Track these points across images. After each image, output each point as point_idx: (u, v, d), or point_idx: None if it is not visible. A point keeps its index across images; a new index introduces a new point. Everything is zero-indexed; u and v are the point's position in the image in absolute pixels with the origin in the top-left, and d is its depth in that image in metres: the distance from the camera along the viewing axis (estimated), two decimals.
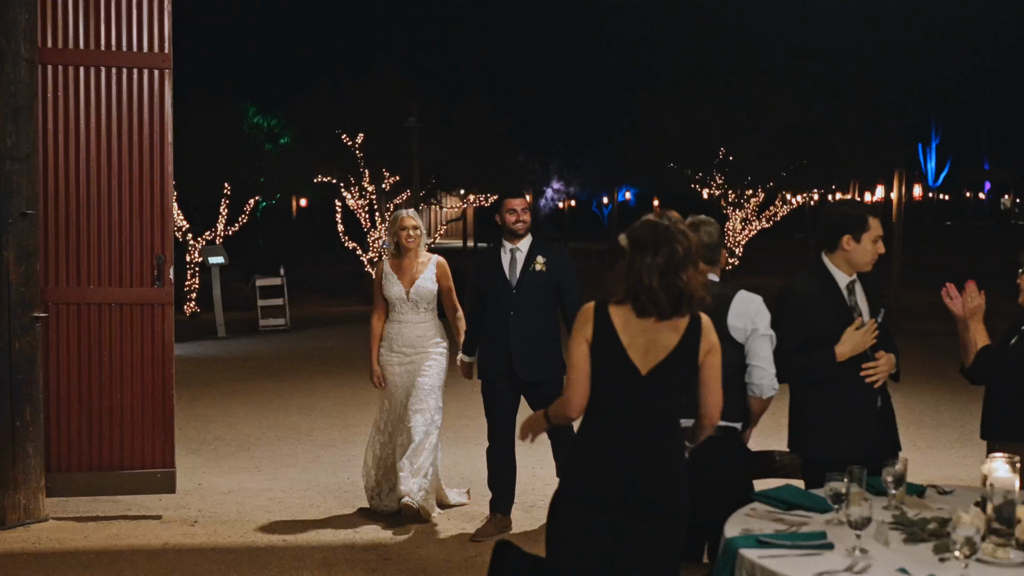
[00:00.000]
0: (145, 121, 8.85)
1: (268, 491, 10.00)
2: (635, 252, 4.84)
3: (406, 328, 9.21)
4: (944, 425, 13.20)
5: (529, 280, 8.60)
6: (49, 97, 8.75)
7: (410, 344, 9.20)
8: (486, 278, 8.73)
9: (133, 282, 8.84)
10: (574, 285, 8.74)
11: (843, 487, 4.78)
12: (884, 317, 6.09)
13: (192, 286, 27.50)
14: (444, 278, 9.31)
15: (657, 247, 4.81)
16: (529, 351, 8.58)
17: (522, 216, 8.68)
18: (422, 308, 9.22)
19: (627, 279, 4.85)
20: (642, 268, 4.80)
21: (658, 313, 4.84)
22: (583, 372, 4.92)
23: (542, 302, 8.64)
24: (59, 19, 8.73)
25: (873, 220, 6.00)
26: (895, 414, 6.25)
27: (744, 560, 4.57)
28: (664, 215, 4.95)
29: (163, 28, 8.84)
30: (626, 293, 4.87)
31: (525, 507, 9.39)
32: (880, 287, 6.26)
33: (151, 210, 8.87)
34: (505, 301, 8.61)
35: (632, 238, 4.89)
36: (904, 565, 4.35)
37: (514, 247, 8.73)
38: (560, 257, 8.77)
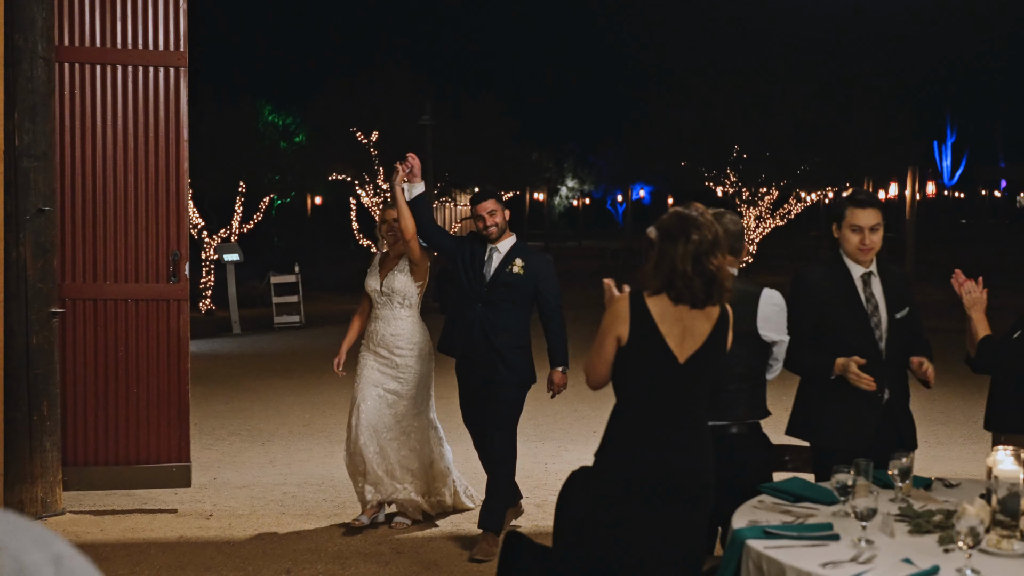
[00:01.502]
0: (161, 118, 8.93)
1: (282, 485, 10.09)
2: (665, 241, 4.97)
3: (380, 325, 8.80)
4: (954, 422, 13.23)
5: (504, 280, 8.30)
6: (66, 95, 8.84)
7: (384, 344, 8.76)
8: (465, 265, 8.45)
9: (149, 278, 8.92)
10: (554, 290, 8.40)
11: (849, 479, 4.84)
12: (911, 315, 6.13)
13: (207, 283, 27.61)
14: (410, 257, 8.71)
15: (687, 234, 4.94)
16: (489, 349, 8.27)
17: (492, 220, 8.37)
18: (396, 303, 8.77)
19: (660, 268, 4.97)
20: (675, 255, 4.93)
21: (692, 300, 4.98)
22: (606, 364, 5.10)
23: (514, 305, 8.32)
24: (76, 18, 8.82)
25: (852, 209, 6.04)
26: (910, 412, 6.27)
27: (751, 550, 4.63)
28: (689, 206, 5.08)
29: (179, 26, 8.92)
30: (661, 283, 4.99)
31: (537, 502, 9.45)
32: (908, 285, 6.26)
33: (167, 207, 8.95)
34: (476, 292, 8.35)
35: (661, 228, 5.03)
36: (909, 556, 4.41)
37: (493, 247, 8.46)
38: (540, 262, 8.44)
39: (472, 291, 8.38)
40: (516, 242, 8.50)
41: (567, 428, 13.04)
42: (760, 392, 6.14)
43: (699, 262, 4.96)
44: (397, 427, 8.68)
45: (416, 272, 8.76)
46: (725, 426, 5.99)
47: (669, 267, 4.98)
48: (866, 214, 6.00)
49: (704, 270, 4.96)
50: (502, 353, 8.27)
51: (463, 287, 8.46)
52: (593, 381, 5.19)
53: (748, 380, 6.08)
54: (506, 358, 8.28)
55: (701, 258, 4.96)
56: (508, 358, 8.29)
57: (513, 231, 8.51)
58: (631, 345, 5.03)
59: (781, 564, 4.42)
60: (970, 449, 11.77)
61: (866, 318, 6.01)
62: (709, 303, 5.04)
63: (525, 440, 12.14)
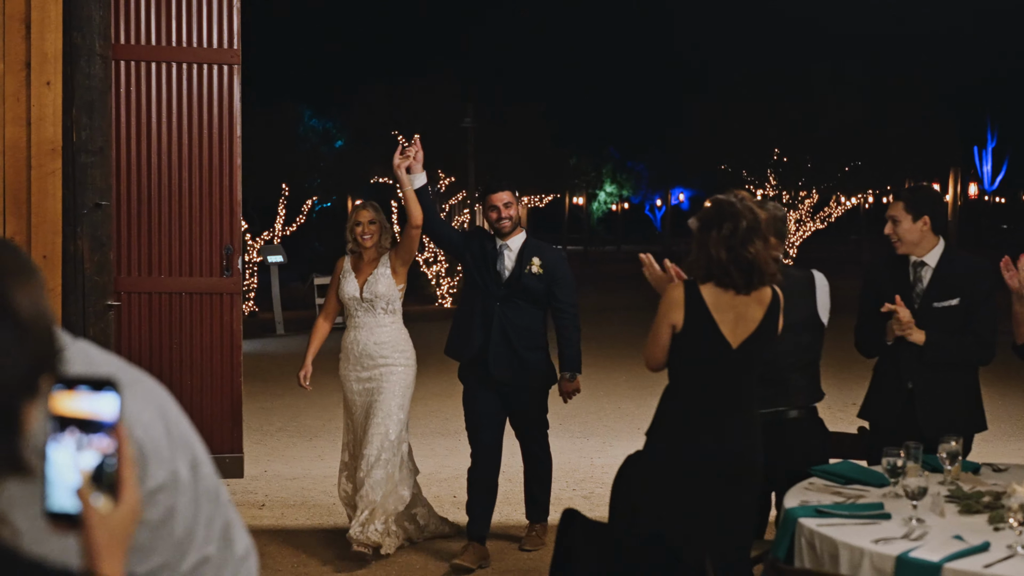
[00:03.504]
0: (215, 115, 9.08)
1: (331, 478, 10.20)
2: (702, 230, 5.08)
3: (362, 334, 8.10)
4: (1000, 419, 13.23)
5: (525, 282, 7.84)
6: (122, 92, 8.99)
7: (368, 354, 8.04)
8: (477, 261, 7.99)
9: (203, 272, 9.06)
10: (570, 289, 8.00)
11: (900, 460, 4.92)
12: (963, 307, 6.18)
13: (251, 285, 27.83)
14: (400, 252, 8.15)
15: (721, 221, 5.04)
16: (509, 351, 7.83)
17: (505, 212, 7.90)
18: (379, 309, 8.06)
19: (699, 257, 5.08)
20: (709, 243, 5.03)
21: (734, 286, 5.08)
22: (663, 350, 5.24)
23: (532, 305, 7.91)
24: (131, 16, 8.98)
25: (892, 202, 6.33)
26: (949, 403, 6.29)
27: (803, 528, 4.73)
28: (732, 193, 5.20)
29: (232, 24, 9.07)
30: (702, 271, 5.11)
31: (584, 494, 9.56)
32: (977, 277, 6.25)
33: (220, 202, 9.09)
34: (493, 290, 7.88)
35: (699, 217, 5.14)
36: (959, 533, 4.50)
37: (503, 244, 7.98)
38: (556, 259, 8.02)
39: (488, 290, 7.91)
40: (527, 239, 8.03)
41: (611, 425, 13.14)
42: (817, 376, 6.34)
43: (733, 249, 5.05)
44: (387, 448, 7.82)
45: (399, 274, 8.14)
46: (784, 411, 6.14)
47: (705, 254, 5.09)
48: (890, 205, 6.28)
49: (739, 257, 5.06)
50: (521, 356, 7.86)
51: (477, 286, 7.99)
52: (651, 365, 5.33)
53: (810, 367, 6.25)
54: (527, 360, 7.88)
55: (735, 245, 5.05)
56: (528, 359, 7.89)
57: (549, 233, 8.39)
58: (685, 331, 5.15)
59: (834, 540, 4.52)
60: (1015, 446, 11.79)
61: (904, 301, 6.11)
62: (752, 288, 5.14)
63: (571, 436, 12.29)
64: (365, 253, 8.21)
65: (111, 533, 1.75)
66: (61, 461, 1.74)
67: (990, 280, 6.23)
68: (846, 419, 11.46)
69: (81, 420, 1.75)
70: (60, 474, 1.74)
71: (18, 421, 1.62)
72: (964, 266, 6.25)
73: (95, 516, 1.74)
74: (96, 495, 1.76)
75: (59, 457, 1.74)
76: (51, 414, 1.72)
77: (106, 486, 1.77)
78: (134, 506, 1.80)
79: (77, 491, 1.74)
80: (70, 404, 1.75)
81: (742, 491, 5.23)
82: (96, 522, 1.74)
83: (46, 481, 1.74)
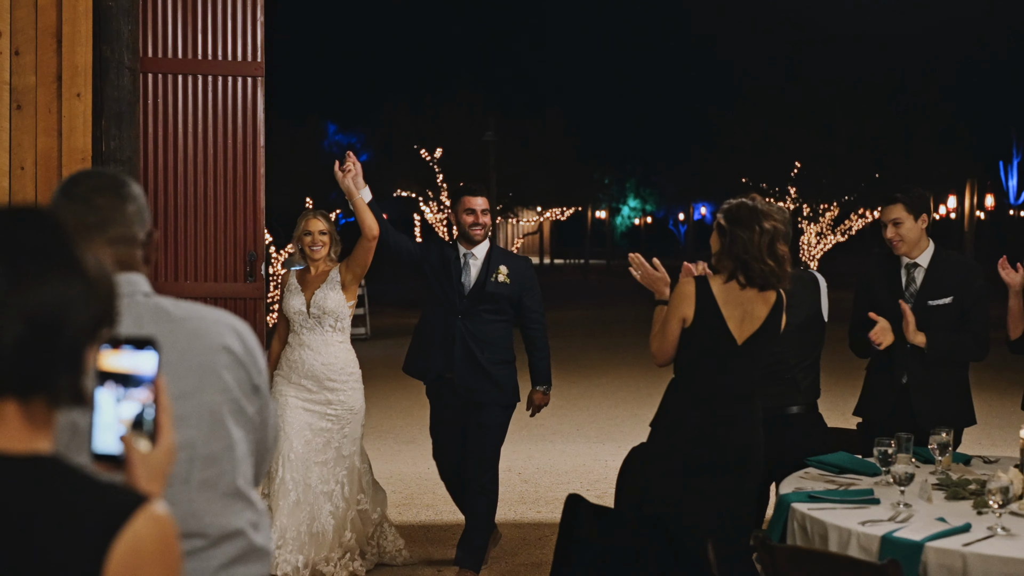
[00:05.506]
0: (239, 125, 9.35)
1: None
2: (737, 227, 5.36)
3: (307, 354, 7.39)
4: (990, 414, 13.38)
5: (490, 290, 7.43)
6: (149, 103, 9.28)
7: (313, 376, 7.34)
8: (437, 272, 7.56)
9: (227, 277, 9.32)
10: (538, 300, 7.63)
11: (890, 448, 5.16)
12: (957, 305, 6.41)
13: (274, 297, 28.10)
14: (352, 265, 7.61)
15: (759, 221, 5.33)
16: (474, 366, 7.39)
17: (481, 218, 7.51)
18: (327, 327, 7.42)
19: (732, 253, 5.35)
20: (748, 241, 5.30)
21: (763, 283, 5.35)
22: (672, 343, 5.50)
23: (498, 316, 7.50)
24: (159, 30, 9.26)
25: (883, 208, 6.58)
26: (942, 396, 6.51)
27: (795, 512, 4.97)
28: (749, 196, 5.50)
29: (256, 38, 9.35)
30: (733, 266, 5.37)
31: (597, 494, 9.79)
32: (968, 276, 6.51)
33: (244, 210, 9.36)
34: (455, 303, 7.44)
35: (732, 216, 5.42)
36: (943, 516, 4.73)
37: (467, 252, 7.55)
38: (524, 267, 7.65)
39: (450, 302, 7.45)
40: (492, 246, 7.62)
41: (628, 431, 13.35)
42: (818, 373, 6.58)
43: (772, 247, 5.35)
44: (331, 478, 7.28)
45: (349, 290, 7.59)
46: (786, 407, 6.36)
47: (742, 250, 5.35)
48: (888, 210, 6.51)
49: (776, 255, 5.36)
50: (487, 370, 7.40)
51: (437, 299, 7.56)
52: (660, 359, 5.58)
53: (814, 364, 6.49)
54: (492, 375, 7.41)
55: (774, 244, 5.35)
56: (494, 375, 7.42)
57: (571, 247, 8.28)
58: (695, 326, 5.42)
59: (824, 523, 4.76)
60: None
61: (896, 305, 6.34)
62: (768, 287, 5.41)
63: (587, 441, 12.56)
64: (313, 266, 7.76)
65: (151, 471, 2.07)
66: (106, 410, 2.04)
67: (982, 279, 6.48)
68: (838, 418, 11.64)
69: (124, 375, 2.05)
70: (105, 422, 2.04)
71: (83, 362, 1.90)
72: (956, 266, 6.50)
73: (137, 457, 2.05)
74: (137, 439, 2.07)
75: (104, 407, 2.04)
76: (98, 370, 2.02)
77: (146, 431, 2.08)
78: (170, 447, 2.12)
79: (120, 436, 2.05)
80: (115, 361, 2.05)
81: (742, 480, 5.48)
82: (137, 461, 2.05)
83: (93, 427, 2.05)
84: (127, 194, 2.92)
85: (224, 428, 2.86)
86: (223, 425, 2.86)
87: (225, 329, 2.93)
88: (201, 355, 2.84)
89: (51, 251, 1.87)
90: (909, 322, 6.21)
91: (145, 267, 2.96)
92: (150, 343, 2.08)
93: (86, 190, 2.88)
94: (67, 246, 1.90)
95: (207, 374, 2.84)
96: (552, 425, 13.61)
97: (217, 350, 2.88)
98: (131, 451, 2.05)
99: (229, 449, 2.87)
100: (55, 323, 1.84)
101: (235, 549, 2.83)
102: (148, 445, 2.08)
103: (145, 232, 2.94)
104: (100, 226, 2.85)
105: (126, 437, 2.06)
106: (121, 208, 2.88)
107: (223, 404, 2.87)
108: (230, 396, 2.89)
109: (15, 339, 1.81)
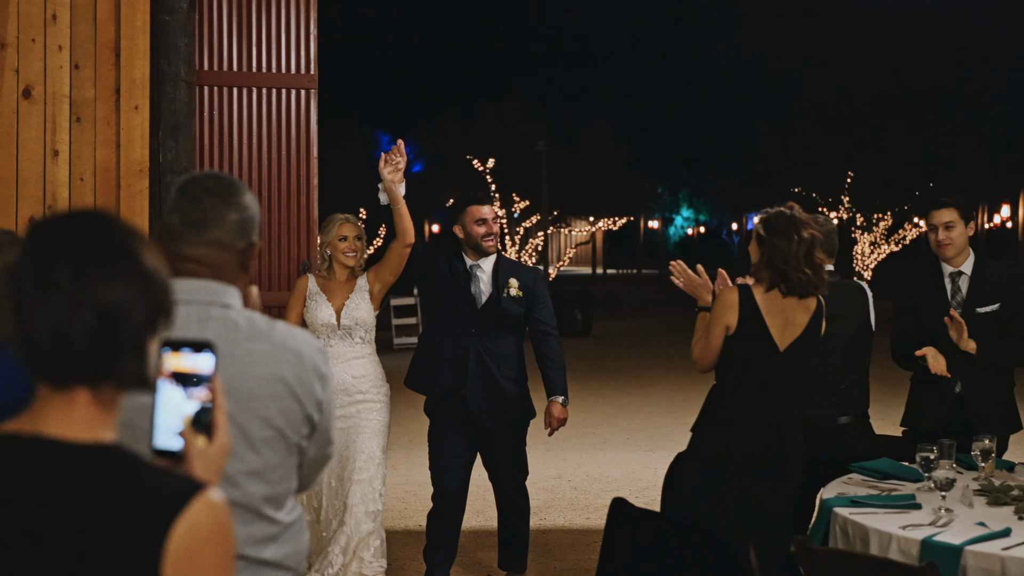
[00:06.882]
0: (292, 137, 9.51)
1: (404, 485, 10.62)
2: (777, 237, 5.45)
3: (337, 367, 6.93)
4: None
5: (504, 305, 7.14)
6: (205, 115, 9.45)
7: (343, 388, 6.92)
8: (448, 283, 7.24)
9: (281, 286, 9.48)
10: (550, 313, 7.32)
11: (932, 454, 5.22)
12: (1004, 311, 6.46)
13: None
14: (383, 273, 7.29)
15: (797, 230, 5.42)
16: (489, 382, 7.09)
17: (493, 227, 7.22)
18: (357, 339, 7.08)
19: (772, 262, 5.45)
20: (787, 250, 5.40)
21: (802, 291, 5.44)
22: (715, 351, 5.62)
23: (509, 330, 7.21)
24: (214, 44, 9.44)
25: (930, 211, 6.61)
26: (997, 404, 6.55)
27: (837, 516, 5.04)
28: (787, 206, 5.59)
29: (309, 51, 9.51)
30: (772, 276, 5.46)
31: (645, 502, 9.86)
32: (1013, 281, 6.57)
33: (297, 219, 9.51)
34: (468, 316, 7.13)
35: (770, 226, 5.51)
36: (983, 520, 4.78)
37: (474, 263, 7.25)
38: (534, 278, 7.34)
39: (461, 315, 7.13)
40: (498, 257, 7.33)
41: (679, 439, 13.34)
42: (868, 383, 6.59)
43: (810, 256, 5.44)
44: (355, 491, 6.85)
45: (377, 299, 7.22)
46: (837, 417, 6.39)
47: (782, 260, 5.44)
48: (940, 213, 6.51)
49: (813, 263, 5.45)
50: (503, 386, 7.11)
51: (447, 311, 7.22)
52: (702, 365, 5.69)
53: (864, 376, 6.53)
54: (506, 391, 7.12)
55: (811, 252, 5.44)
56: (509, 391, 7.13)
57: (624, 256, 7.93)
58: (738, 333, 5.52)
59: (865, 527, 4.82)
60: None
61: (944, 314, 6.37)
62: (808, 294, 5.49)
63: (637, 450, 12.64)
64: (339, 273, 7.40)
65: (207, 466, 2.23)
66: (166, 409, 2.21)
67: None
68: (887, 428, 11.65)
69: (184, 375, 2.22)
70: (165, 419, 2.21)
71: (145, 350, 2.07)
72: (999, 273, 6.55)
73: (195, 452, 2.22)
74: (195, 436, 2.23)
75: (165, 405, 2.21)
76: (160, 371, 2.18)
77: (203, 428, 2.24)
78: (226, 444, 2.28)
79: (180, 432, 2.21)
80: (175, 362, 2.22)
81: (782, 484, 5.56)
82: (195, 456, 2.22)
83: (154, 424, 2.21)
84: (235, 202, 2.99)
85: (252, 453, 2.89)
86: (253, 450, 2.90)
87: (287, 357, 2.96)
88: (248, 381, 2.88)
89: (113, 250, 2.04)
90: (962, 330, 6.24)
91: (242, 276, 3.04)
92: (208, 346, 2.24)
93: (198, 191, 2.99)
94: (128, 245, 2.07)
95: (251, 400, 2.88)
96: (603, 434, 13.72)
97: (268, 380, 2.92)
98: (190, 446, 2.21)
99: (250, 474, 2.90)
100: (119, 315, 2.01)
101: (241, 564, 2.83)
102: (205, 442, 2.24)
103: (246, 242, 3.01)
104: (200, 226, 2.95)
105: (185, 433, 2.21)
106: (224, 214, 2.96)
107: (257, 431, 2.90)
108: (270, 425, 2.92)
109: (86, 330, 1.98)
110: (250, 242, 3.02)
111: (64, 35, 8.37)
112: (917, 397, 6.67)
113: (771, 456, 5.53)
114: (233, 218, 2.98)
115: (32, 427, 2.03)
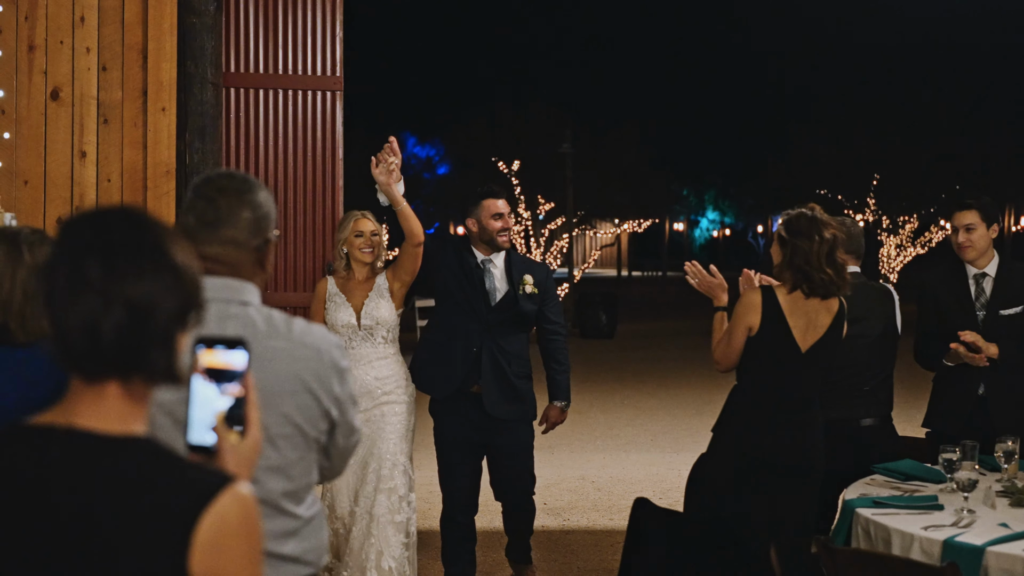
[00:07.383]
0: (319, 138, 9.56)
1: (428, 485, 10.64)
2: (798, 238, 5.47)
3: (360, 369, 6.78)
4: None
5: (521, 302, 7.00)
6: (231, 117, 9.50)
7: (366, 391, 6.72)
8: (459, 279, 7.03)
9: (307, 287, 9.51)
10: (559, 312, 7.25)
11: (955, 456, 5.23)
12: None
13: None
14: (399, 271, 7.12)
15: (819, 231, 5.44)
16: (502, 381, 6.93)
17: (509, 222, 7.08)
18: (379, 339, 6.86)
19: (794, 262, 5.46)
20: (809, 251, 5.42)
21: (824, 291, 5.46)
22: (736, 351, 5.64)
23: (519, 328, 7.08)
24: (241, 46, 9.49)
25: (953, 212, 6.63)
26: None
27: (859, 517, 5.05)
28: (808, 207, 5.61)
29: (335, 53, 9.55)
30: (794, 277, 5.48)
31: (669, 503, 9.86)
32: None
33: (323, 220, 9.55)
34: (482, 314, 6.95)
35: (792, 228, 5.54)
36: (1006, 522, 4.79)
37: (486, 258, 7.08)
38: (544, 275, 7.21)
39: (475, 312, 6.96)
40: (509, 252, 7.18)
41: (703, 441, 13.20)
42: (891, 385, 6.59)
43: (831, 256, 5.46)
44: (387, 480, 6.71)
45: (397, 298, 7.01)
46: (861, 419, 6.40)
47: (804, 260, 5.46)
48: (961, 215, 6.53)
49: (835, 263, 5.46)
50: (515, 384, 6.97)
51: (458, 307, 7.03)
52: (723, 365, 5.71)
53: (889, 378, 6.54)
54: (519, 390, 6.99)
55: (833, 253, 5.46)
56: (520, 390, 7.01)
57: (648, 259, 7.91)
58: (760, 334, 5.54)
59: (887, 527, 4.83)
60: None
61: (968, 316, 6.38)
62: (830, 295, 5.51)
63: (661, 452, 12.66)
64: (358, 272, 7.21)
65: (240, 460, 2.28)
66: (200, 404, 2.26)
67: None
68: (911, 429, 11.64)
69: (217, 371, 2.27)
70: (200, 415, 2.26)
71: (174, 344, 2.12)
72: (1020, 270, 6.54)
73: (228, 446, 2.27)
74: (228, 431, 2.28)
75: (199, 401, 2.26)
76: (194, 368, 2.24)
77: (236, 423, 2.29)
78: (258, 439, 2.33)
79: (213, 428, 2.26)
80: (209, 358, 2.27)
81: (803, 485, 5.58)
82: (228, 450, 2.27)
83: (188, 420, 2.26)
84: (249, 200, 3.04)
85: (271, 449, 2.92)
86: (273, 446, 2.93)
87: (305, 354, 3.01)
88: (267, 378, 2.90)
89: (143, 246, 2.09)
90: (978, 339, 6.24)
91: (260, 273, 3.08)
92: (241, 343, 2.29)
93: (212, 190, 3.04)
94: (157, 241, 2.11)
95: (270, 397, 2.89)
96: (627, 435, 13.74)
97: (286, 377, 2.97)
98: (223, 441, 2.26)
99: (269, 470, 2.94)
100: (148, 309, 2.05)
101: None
102: (238, 437, 2.29)
103: (261, 240, 3.05)
104: (214, 225, 3.00)
105: (218, 428, 2.26)
106: (238, 212, 3.01)
107: (277, 427, 2.94)
108: (289, 421, 2.98)
109: (116, 325, 2.03)
110: (266, 239, 3.07)
111: (92, 37, 8.44)
112: (940, 398, 6.66)
113: (792, 457, 5.55)
114: (247, 216, 3.03)
115: (65, 419, 2.08)
